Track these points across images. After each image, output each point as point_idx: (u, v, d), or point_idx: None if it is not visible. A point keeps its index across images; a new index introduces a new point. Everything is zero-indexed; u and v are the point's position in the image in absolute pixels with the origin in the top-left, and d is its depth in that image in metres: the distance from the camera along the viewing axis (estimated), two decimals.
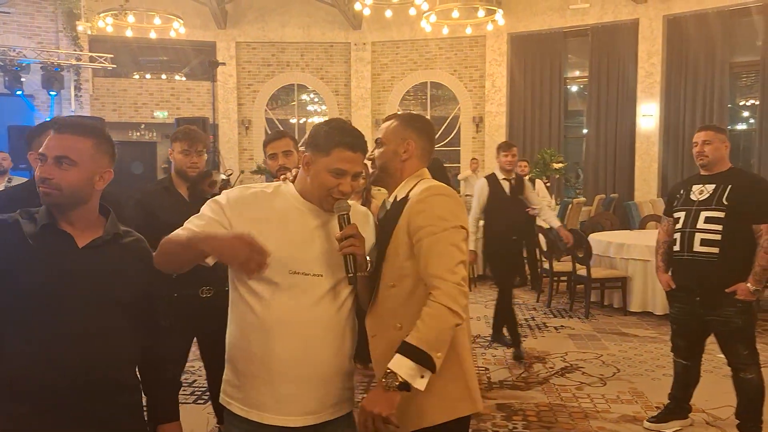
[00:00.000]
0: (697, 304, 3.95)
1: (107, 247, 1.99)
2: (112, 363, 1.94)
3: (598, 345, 6.26)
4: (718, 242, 3.79)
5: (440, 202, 2.08)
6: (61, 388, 1.85)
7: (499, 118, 15.15)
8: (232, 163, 15.03)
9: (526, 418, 4.49)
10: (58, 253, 1.91)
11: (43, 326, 1.85)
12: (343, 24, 15.78)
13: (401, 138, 2.26)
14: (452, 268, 1.99)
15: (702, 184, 3.97)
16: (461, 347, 2.12)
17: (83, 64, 14.23)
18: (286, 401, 2.07)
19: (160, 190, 3.57)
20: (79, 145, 1.95)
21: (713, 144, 3.92)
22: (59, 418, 1.86)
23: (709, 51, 13.00)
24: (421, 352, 1.90)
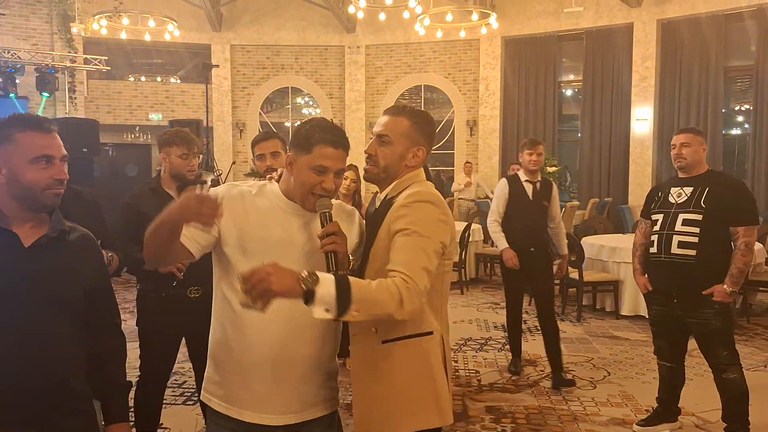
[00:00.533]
0: (675, 306, 3.97)
1: (53, 245, 1.93)
2: (56, 365, 1.89)
3: (589, 348, 6.25)
4: (696, 244, 3.82)
5: (424, 210, 2.03)
6: (4, 390, 1.80)
7: (493, 122, 15.16)
8: (226, 165, 15.00)
9: (515, 420, 4.48)
10: (3, 252, 1.86)
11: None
12: (337, 27, 15.78)
13: (413, 142, 2.18)
14: (417, 270, 1.91)
15: (680, 186, 4.00)
16: (434, 358, 2.08)
17: (78, 66, 14.20)
18: (264, 399, 2.08)
19: (147, 192, 3.60)
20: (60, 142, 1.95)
21: (692, 146, 3.95)
22: (5, 422, 1.81)
23: (704, 55, 13.02)
24: (346, 297, 1.76)
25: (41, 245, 1.90)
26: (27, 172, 1.86)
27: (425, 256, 1.95)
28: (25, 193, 1.87)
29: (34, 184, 1.86)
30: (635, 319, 7.30)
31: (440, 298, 2.15)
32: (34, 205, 1.89)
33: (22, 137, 1.87)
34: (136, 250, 3.43)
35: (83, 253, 2.03)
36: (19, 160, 1.86)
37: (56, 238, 1.94)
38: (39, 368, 1.84)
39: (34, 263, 1.87)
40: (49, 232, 1.93)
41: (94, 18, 13.19)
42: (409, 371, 2.06)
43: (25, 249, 1.88)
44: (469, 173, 13.59)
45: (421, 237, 1.97)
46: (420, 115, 2.22)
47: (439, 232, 2.02)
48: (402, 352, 2.06)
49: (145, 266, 2.21)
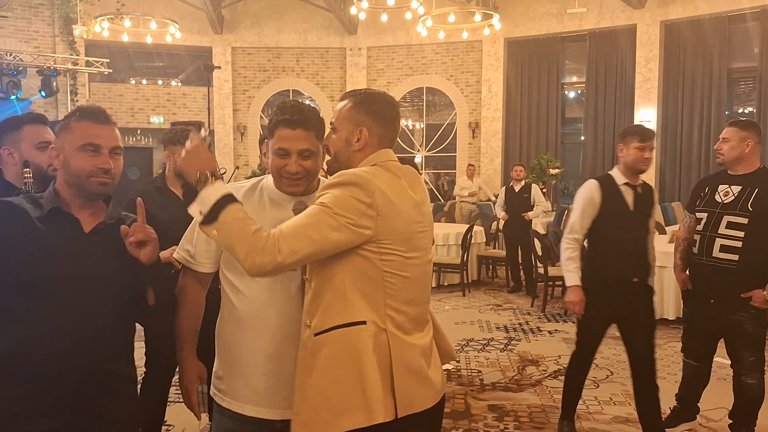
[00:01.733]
0: (712, 307, 3.83)
1: (110, 231, 2.00)
2: (110, 348, 1.97)
3: None
4: (739, 249, 3.65)
5: (343, 189, 1.87)
6: (56, 371, 1.86)
7: (496, 124, 15.12)
8: (228, 168, 14.99)
9: (517, 418, 4.43)
10: (65, 237, 1.93)
11: (42, 309, 1.86)
12: (338, 29, 15.77)
13: (355, 124, 2.02)
14: (292, 232, 1.80)
15: (728, 184, 3.78)
16: (363, 350, 1.88)
17: (80, 69, 14.22)
18: (264, 394, 2.09)
19: (153, 190, 3.62)
20: (119, 135, 2.03)
21: (731, 142, 3.74)
22: (52, 402, 1.87)
23: (707, 57, 12.98)
24: (216, 213, 1.80)
25: (99, 231, 1.99)
26: (75, 158, 1.93)
27: (314, 225, 1.81)
28: (73, 179, 1.94)
29: (80, 170, 1.93)
30: None
31: (379, 290, 1.92)
32: (82, 192, 1.96)
33: (76, 125, 1.96)
34: None
35: None
36: (71, 147, 1.94)
37: (113, 225, 2.00)
38: (94, 350, 1.91)
39: (93, 248, 1.95)
40: (106, 218, 2.01)
41: (96, 20, 13.21)
42: (334, 366, 1.88)
43: (85, 234, 1.96)
44: (472, 176, 13.55)
45: (325, 209, 1.84)
46: (365, 95, 2.07)
47: (352, 211, 1.84)
48: (330, 344, 1.89)
49: None
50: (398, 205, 1.92)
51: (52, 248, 1.89)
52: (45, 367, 1.85)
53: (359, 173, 1.91)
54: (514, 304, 8.36)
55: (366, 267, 1.90)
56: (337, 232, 1.82)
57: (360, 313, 1.90)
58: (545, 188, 12.80)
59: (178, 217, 3.40)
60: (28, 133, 2.67)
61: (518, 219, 8.98)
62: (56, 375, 1.86)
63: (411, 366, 1.95)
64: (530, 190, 9.15)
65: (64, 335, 1.87)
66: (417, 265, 2.00)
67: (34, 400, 1.85)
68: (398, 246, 1.93)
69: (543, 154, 13.83)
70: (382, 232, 1.89)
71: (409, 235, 1.97)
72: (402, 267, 1.94)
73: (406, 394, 1.91)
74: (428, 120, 16.22)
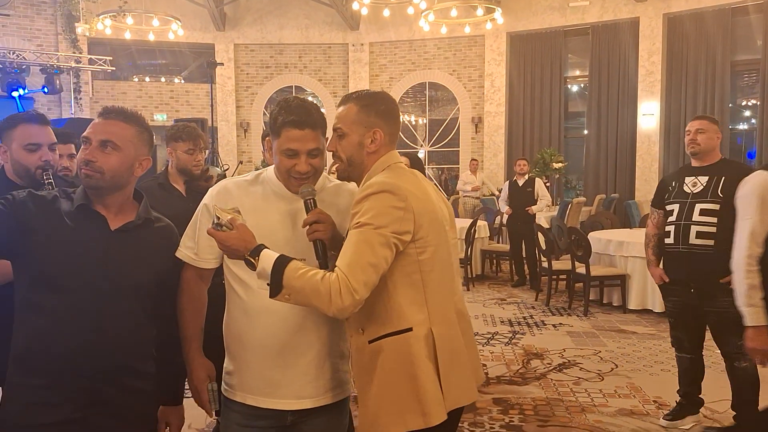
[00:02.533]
0: (693, 296, 3.92)
1: (138, 231, 2.03)
2: (125, 345, 1.99)
3: (596, 342, 6.21)
4: (714, 234, 3.78)
5: (377, 200, 1.90)
6: (75, 365, 1.89)
7: (499, 119, 15.11)
8: (231, 164, 15.00)
9: (522, 412, 4.44)
10: (90, 233, 1.96)
11: (64, 302, 1.90)
12: (341, 25, 15.77)
13: (366, 126, 2.04)
14: (356, 267, 1.82)
15: (695, 175, 3.96)
16: (416, 357, 1.95)
17: (82, 67, 14.24)
18: (277, 385, 2.09)
19: (156, 186, 3.63)
20: (123, 132, 2.00)
21: (707, 133, 3.92)
22: (70, 395, 1.90)
23: (710, 50, 12.95)
24: (279, 280, 1.83)
25: (127, 230, 2.01)
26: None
27: (369, 251, 1.85)
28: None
29: (79, 164, 1.97)
30: (642, 313, 7.25)
31: (420, 290, 1.98)
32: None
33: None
34: None
35: (163, 244, 2.13)
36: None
37: (142, 225, 2.04)
38: (112, 346, 1.94)
39: (118, 247, 1.98)
40: (135, 219, 2.04)
41: (99, 18, 13.22)
42: (390, 371, 1.97)
43: (111, 232, 1.99)
44: (475, 171, 13.54)
45: (369, 229, 1.86)
46: (368, 97, 2.09)
47: (392, 220, 1.88)
48: (385, 351, 1.97)
49: None
50: (426, 201, 2.00)
51: (77, 243, 1.93)
52: (63, 360, 1.88)
53: (386, 181, 1.95)
54: (519, 298, 8.37)
55: (408, 268, 1.96)
56: (387, 248, 1.87)
57: (405, 320, 1.96)
58: (548, 182, 12.81)
59: (180, 212, 3.43)
60: (20, 132, 2.64)
61: (522, 213, 8.98)
62: (74, 368, 1.89)
63: (456, 360, 2.02)
64: (534, 184, 9.15)
65: (83, 330, 1.90)
66: (447, 254, 2.08)
67: (51, 391, 1.88)
68: (432, 239, 1.98)
69: (546, 149, 13.82)
70: (418, 231, 1.94)
71: (440, 231, 2.03)
72: (436, 260, 2.00)
73: (454, 388, 1.99)
74: (431, 115, 16.22)
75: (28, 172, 2.63)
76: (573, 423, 4.25)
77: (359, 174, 2.07)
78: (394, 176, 1.99)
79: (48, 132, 2.69)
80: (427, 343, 1.97)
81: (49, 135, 2.69)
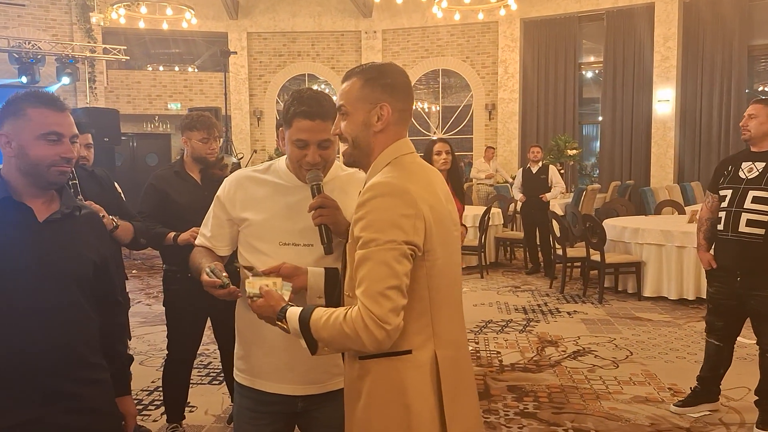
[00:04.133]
0: (738, 285, 3.84)
1: (65, 220, 1.95)
2: (75, 338, 1.91)
3: (611, 329, 6.20)
4: (765, 223, 3.68)
5: (382, 207, 1.67)
6: (25, 365, 1.82)
7: (512, 105, 15.03)
8: (244, 153, 15.07)
9: (537, 399, 4.45)
10: (18, 227, 1.87)
11: (2, 303, 1.81)
12: (353, 12, 15.72)
13: (371, 102, 1.79)
14: (377, 296, 1.61)
15: (751, 161, 3.83)
16: (410, 387, 1.72)
17: (97, 56, 14.30)
18: (284, 370, 2.11)
19: (172, 174, 3.70)
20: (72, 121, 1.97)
21: (758, 118, 3.78)
22: (24, 396, 1.83)
23: (726, 34, 12.80)
24: (311, 338, 1.70)
25: (55, 221, 1.92)
26: (34, 147, 1.86)
27: (387, 272, 1.63)
28: (31, 168, 1.88)
29: (40, 160, 1.87)
30: (657, 301, 7.23)
31: (426, 307, 1.74)
32: (40, 181, 1.90)
33: (34, 113, 1.87)
34: (159, 226, 3.53)
35: (93, 230, 2.06)
36: (28, 135, 1.86)
37: (69, 214, 1.96)
38: (55, 341, 1.86)
39: (48, 238, 1.89)
40: (62, 208, 1.95)
41: (113, 7, 13.26)
42: (380, 395, 1.74)
43: (39, 223, 1.90)
44: (490, 159, 13.50)
45: (380, 246, 1.64)
46: (373, 69, 1.84)
47: (402, 230, 1.65)
48: (375, 372, 1.75)
49: None
50: (437, 207, 1.77)
51: (5, 239, 1.83)
52: (11, 362, 1.80)
53: (391, 182, 1.71)
54: (533, 286, 8.37)
55: (414, 283, 1.70)
56: (406, 260, 1.66)
57: (406, 340, 1.72)
58: (563, 169, 12.74)
59: (196, 200, 3.47)
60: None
61: (536, 200, 8.96)
62: (24, 369, 1.81)
63: (460, 384, 1.81)
64: (548, 171, 9.12)
65: (29, 328, 1.82)
66: (455, 268, 1.87)
67: (7, 392, 1.81)
68: (441, 252, 1.76)
69: (560, 135, 13.75)
70: (428, 241, 1.71)
71: (448, 237, 1.81)
72: (442, 275, 1.78)
73: (459, 419, 1.77)
74: (444, 102, 16.17)
75: None
76: (587, 410, 4.26)
77: (366, 159, 1.84)
78: (401, 175, 1.74)
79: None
80: (431, 369, 1.73)
81: None
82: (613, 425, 4.04)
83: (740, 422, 4.04)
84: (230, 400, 4.11)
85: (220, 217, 2.18)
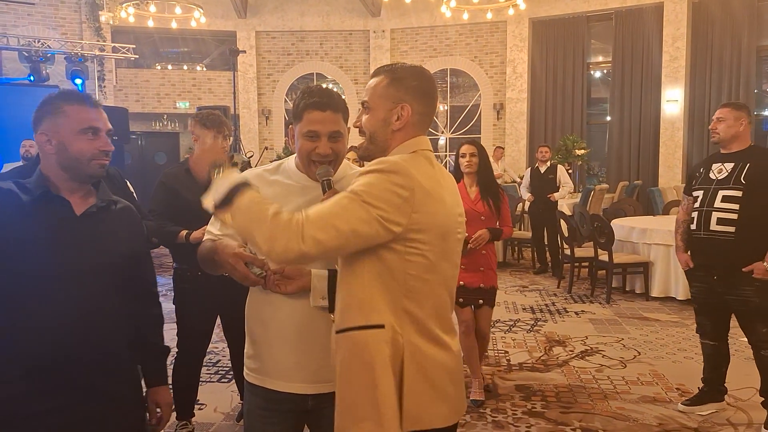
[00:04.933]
0: (716, 283, 3.94)
1: (101, 214, 2.02)
2: (104, 330, 1.96)
3: (619, 329, 6.20)
4: (735, 221, 3.79)
5: (380, 177, 1.71)
6: (58, 354, 1.87)
7: (521, 105, 15.01)
8: (253, 152, 15.10)
9: (545, 398, 4.46)
10: (57, 220, 1.93)
11: (39, 292, 1.87)
12: (362, 11, 15.73)
13: (393, 101, 1.84)
14: (320, 220, 1.65)
15: (721, 162, 3.97)
16: (378, 358, 1.73)
17: (106, 55, 14.35)
18: (294, 369, 2.10)
19: (182, 172, 3.70)
20: None
21: (726, 122, 3.91)
22: (52, 383, 1.87)
23: (735, 34, 12.75)
24: (230, 198, 1.71)
25: (91, 214, 1.99)
26: (74, 142, 1.94)
27: (343, 215, 1.65)
28: (71, 163, 1.94)
29: (81, 154, 1.94)
30: (665, 301, 7.23)
31: (397, 288, 1.76)
32: (79, 175, 1.97)
33: (71, 109, 1.96)
34: (170, 224, 3.54)
35: (127, 224, 2.13)
36: (68, 131, 1.94)
37: (104, 207, 2.03)
38: (88, 332, 1.92)
39: (85, 231, 1.96)
40: (98, 201, 2.02)
41: (122, 6, 13.31)
42: (350, 370, 1.77)
43: (76, 216, 1.96)
44: (498, 159, 13.49)
45: (357, 198, 1.67)
46: (401, 70, 1.88)
47: (385, 201, 1.67)
48: (346, 347, 1.79)
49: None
50: (437, 199, 1.78)
51: (44, 232, 1.90)
52: (44, 349, 1.86)
53: (400, 163, 1.73)
54: (541, 286, 8.37)
55: (391, 264, 1.75)
56: (367, 225, 1.66)
57: (378, 315, 1.76)
58: (571, 169, 12.72)
59: None
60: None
61: (544, 200, 8.96)
62: (57, 357, 1.87)
63: (426, 378, 1.78)
64: (556, 171, 9.12)
65: (60, 318, 1.87)
66: (445, 268, 1.85)
67: (35, 380, 1.86)
68: (431, 253, 1.77)
69: (568, 135, 13.72)
70: (413, 233, 1.73)
71: (447, 233, 1.82)
72: (427, 270, 1.78)
73: (415, 407, 1.76)
74: (452, 102, 16.16)
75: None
76: (595, 410, 4.27)
77: (381, 155, 1.86)
78: (412, 163, 1.76)
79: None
80: (395, 348, 1.75)
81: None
82: (621, 425, 4.04)
83: (748, 422, 4.05)
84: (239, 397, 4.13)
85: None
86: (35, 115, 1.98)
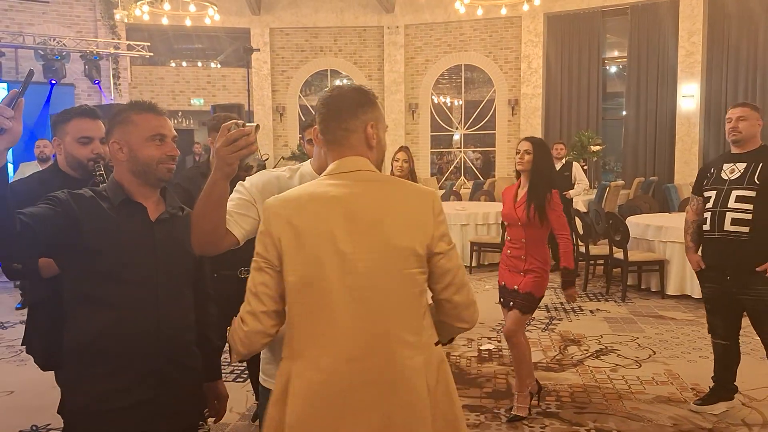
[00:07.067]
0: (728, 283, 3.92)
1: (172, 219, 2.14)
2: (182, 327, 2.13)
3: (634, 328, 6.17)
4: (749, 221, 3.79)
5: None
6: (142, 350, 2.01)
7: (536, 101, 14.95)
8: (267, 149, 15.13)
9: (559, 398, 4.45)
10: (136, 225, 2.06)
11: (123, 293, 2.00)
12: (375, 7, 15.71)
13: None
14: (243, 314, 1.84)
15: (733, 162, 3.96)
16: (289, 393, 1.75)
17: (121, 53, 14.44)
18: None
19: (198, 175, 3.70)
20: None
21: (748, 121, 3.90)
22: (140, 378, 2.02)
23: (752, 29, 12.64)
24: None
25: (164, 219, 2.12)
26: (144, 148, 2.05)
27: (251, 279, 1.80)
28: (142, 168, 2.06)
29: (150, 159, 2.05)
30: (681, 299, 7.18)
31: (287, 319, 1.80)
32: (149, 179, 2.08)
33: (139, 118, 2.08)
34: None
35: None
36: (138, 138, 2.06)
37: (174, 213, 2.16)
38: (172, 329, 2.07)
39: (160, 235, 2.09)
40: (168, 208, 2.15)
41: (137, 4, 13.37)
42: (275, 394, 1.82)
43: (152, 222, 2.09)
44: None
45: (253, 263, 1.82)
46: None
47: (260, 244, 1.80)
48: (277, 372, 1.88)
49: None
50: (304, 225, 1.75)
51: (127, 236, 2.02)
52: (131, 347, 2.00)
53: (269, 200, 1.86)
54: (555, 284, 8.29)
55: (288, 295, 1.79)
56: (259, 272, 1.79)
57: (288, 347, 1.80)
58: (586, 166, 12.66)
59: None
60: (74, 126, 2.77)
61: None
62: (141, 353, 2.01)
63: (317, 410, 1.73)
64: (571, 168, 9.07)
65: (144, 316, 2.02)
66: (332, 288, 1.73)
67: (119, 377, 1.99)
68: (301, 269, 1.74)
69: (584, 131, 13.66)
70: (283, 258, 1.76)
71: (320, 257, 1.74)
72: (305, 292, 1.75)
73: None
74: (467, 97, 16.12)
75: (81, 164, 2.77)
76: (610, 410, 4.25)
77: None
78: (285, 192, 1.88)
79: (99, 126, 2.80)
80: (287, 387, 1.76)
81: (101, 129, 2.79)
82: (636, 425, 4.03)
83: (762, 422, 4.02)
84: (255, 398, 4.14)
85: (244, 198, 2.09)
86: (108, 126, 2.12)
